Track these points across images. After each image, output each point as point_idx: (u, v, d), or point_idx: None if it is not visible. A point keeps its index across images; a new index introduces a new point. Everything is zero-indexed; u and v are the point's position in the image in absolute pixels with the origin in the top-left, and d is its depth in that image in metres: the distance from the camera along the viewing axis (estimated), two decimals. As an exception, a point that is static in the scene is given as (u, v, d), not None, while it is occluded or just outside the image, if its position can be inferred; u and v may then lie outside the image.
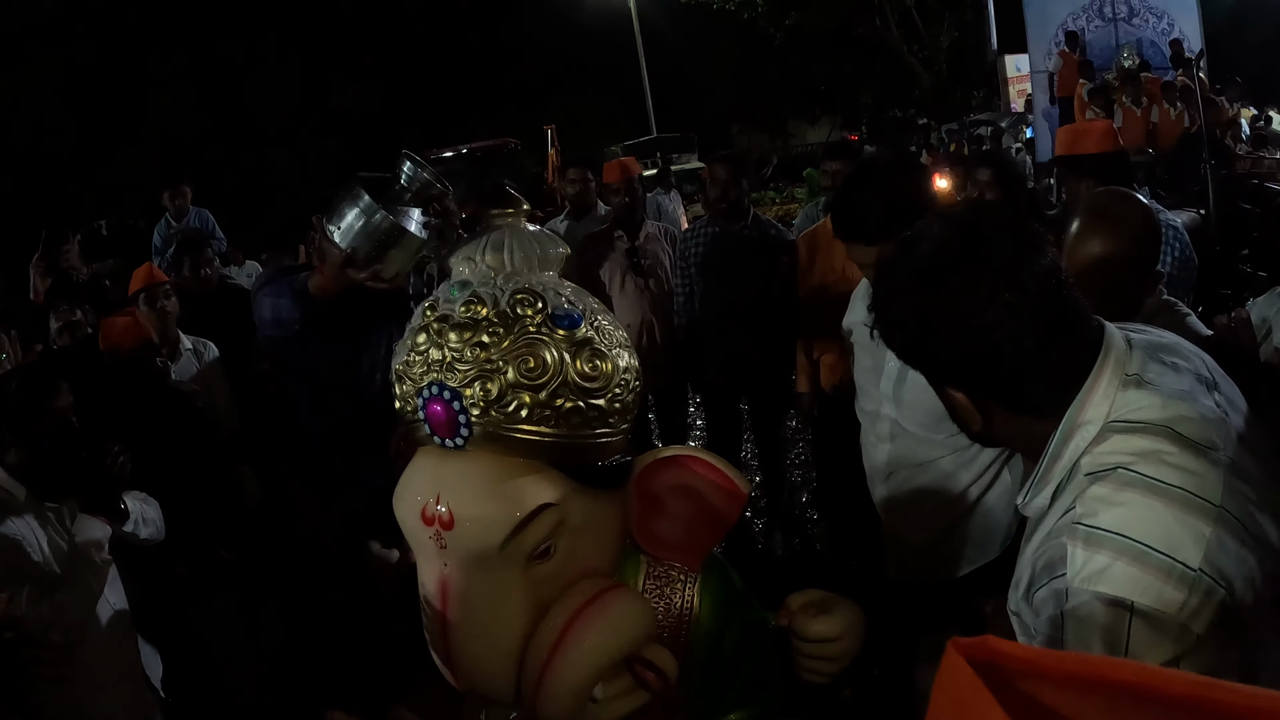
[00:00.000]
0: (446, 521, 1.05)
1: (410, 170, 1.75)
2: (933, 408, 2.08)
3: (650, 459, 1.19)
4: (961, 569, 2.09)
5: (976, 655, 0.43)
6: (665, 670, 1.11)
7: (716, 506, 1.20)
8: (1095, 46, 12.25)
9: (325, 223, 1.82)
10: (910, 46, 20.02)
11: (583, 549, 1.12)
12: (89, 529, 2.33)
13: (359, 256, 1.78)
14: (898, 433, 2.11)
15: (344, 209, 1.78)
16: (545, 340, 1.04)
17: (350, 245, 1.78)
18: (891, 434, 2.12)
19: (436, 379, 1.05)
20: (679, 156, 18.75)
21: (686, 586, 1.27)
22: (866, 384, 2.18)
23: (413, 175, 1.75)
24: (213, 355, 3.82)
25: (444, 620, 1.08)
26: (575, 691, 1.05)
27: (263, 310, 2.06)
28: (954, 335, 1.08)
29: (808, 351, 3.71)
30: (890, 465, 2.16)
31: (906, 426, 2.08)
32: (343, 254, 1.78)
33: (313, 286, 1.94)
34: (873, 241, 1.92)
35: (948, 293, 1.07)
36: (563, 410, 1.04)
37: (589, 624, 1.06)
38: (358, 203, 1.75)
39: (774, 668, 1.30)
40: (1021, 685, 0.42)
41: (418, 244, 1.79)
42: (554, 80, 24.84)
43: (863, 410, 2.22)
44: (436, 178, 1.76)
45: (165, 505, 2.57)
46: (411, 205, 1.79)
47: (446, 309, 1.08)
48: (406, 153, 1.77)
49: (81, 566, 2.28)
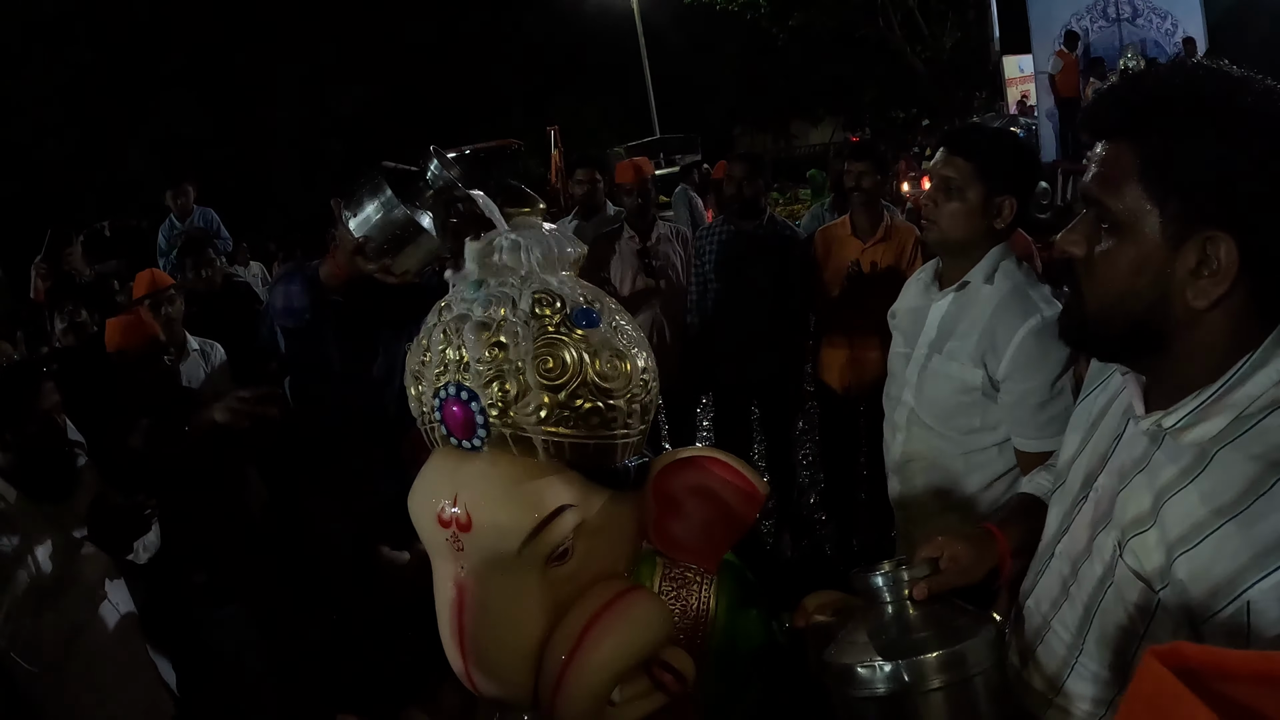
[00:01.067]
0: (464, 524, 1.04)
1: (436, 168, 1.73)
2: (948, 402, 2.07)
3: (668, 460, 1.18)
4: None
5: (1174, 661, 0.44)
6: (683, 672, 1.10)
7: (734, 508, 1.19)
8: (1099, 47, 12.27)
9: (342, 209, 1.80)
10: (913, 47, 19.98)
11: (601, 551, 1.11)
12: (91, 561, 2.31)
13: (370, 247, 1.77)
14: (913, 422, 2.11)
15: (364, 199, 1.76)
16: (564, 340, 1.03)
17: (364, 235, 1.76)
18: (908, 422, 2.12)
19: (454, 379, 1.04)
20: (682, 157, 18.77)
21: (703, 588, 1.26)
22: (896, 368, 2.19)
23: (437, 174, 1.73)
24: (220, 356, 3.82)
25: (460, 623, 1.07)
26: (594, 695, 1.04)
27: (275, 298, 2.06)
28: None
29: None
30: (904, 456, 2.15)
31: (922, 417, 2.08)
32: (354, 241, 1.76)
33: (324, 274, 1.93)
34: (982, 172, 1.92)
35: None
36: (582, 411, 1.03)
37: (607, 627, 1.05)
38: (378, 195, 1.73)
39: (789, 669, 1.29)
40: (1216, 687, 0.43)
41: (434, 244, 1.77)
42: (556, 81, 24.84)
43: (888, 395, 2.22)
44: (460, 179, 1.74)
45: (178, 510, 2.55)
46: (432, 204, 1.77)
47: (463, 309, 1.07)
48: (435, 149, 1.75)
49: (78, 567, 2.27)
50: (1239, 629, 0.89)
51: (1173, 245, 0.95)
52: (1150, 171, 0.95)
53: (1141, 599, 1.00)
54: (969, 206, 1.94)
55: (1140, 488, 1.02)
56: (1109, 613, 1.05)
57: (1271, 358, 0.95)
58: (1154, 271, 0.96)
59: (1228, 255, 0.92)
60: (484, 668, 1.07)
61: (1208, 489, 0.94)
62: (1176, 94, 0.96)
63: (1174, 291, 0.96)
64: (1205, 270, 0.94)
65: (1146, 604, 1.00)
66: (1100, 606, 1.07)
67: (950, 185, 1.95)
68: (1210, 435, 0.96)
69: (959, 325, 1.99)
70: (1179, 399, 0.99)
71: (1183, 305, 0.96)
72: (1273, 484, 0.90)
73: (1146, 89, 0.99)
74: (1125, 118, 0.99)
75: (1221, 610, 0.90)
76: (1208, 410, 0.97)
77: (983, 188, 1.93)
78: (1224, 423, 0.96)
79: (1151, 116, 0.96)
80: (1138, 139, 0.97)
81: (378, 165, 1.78)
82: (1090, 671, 1.09)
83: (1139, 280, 0.98)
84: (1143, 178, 0.96)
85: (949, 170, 1.95)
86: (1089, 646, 1.09)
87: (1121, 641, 1.04)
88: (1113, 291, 1.00)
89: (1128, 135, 0.98)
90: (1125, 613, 1.02)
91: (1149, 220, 0.96)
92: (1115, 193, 0.98)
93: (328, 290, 1.95)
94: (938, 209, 1.97)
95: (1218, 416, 0.96)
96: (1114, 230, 0.99)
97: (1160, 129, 0.95)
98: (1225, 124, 0.92)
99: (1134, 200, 0.96)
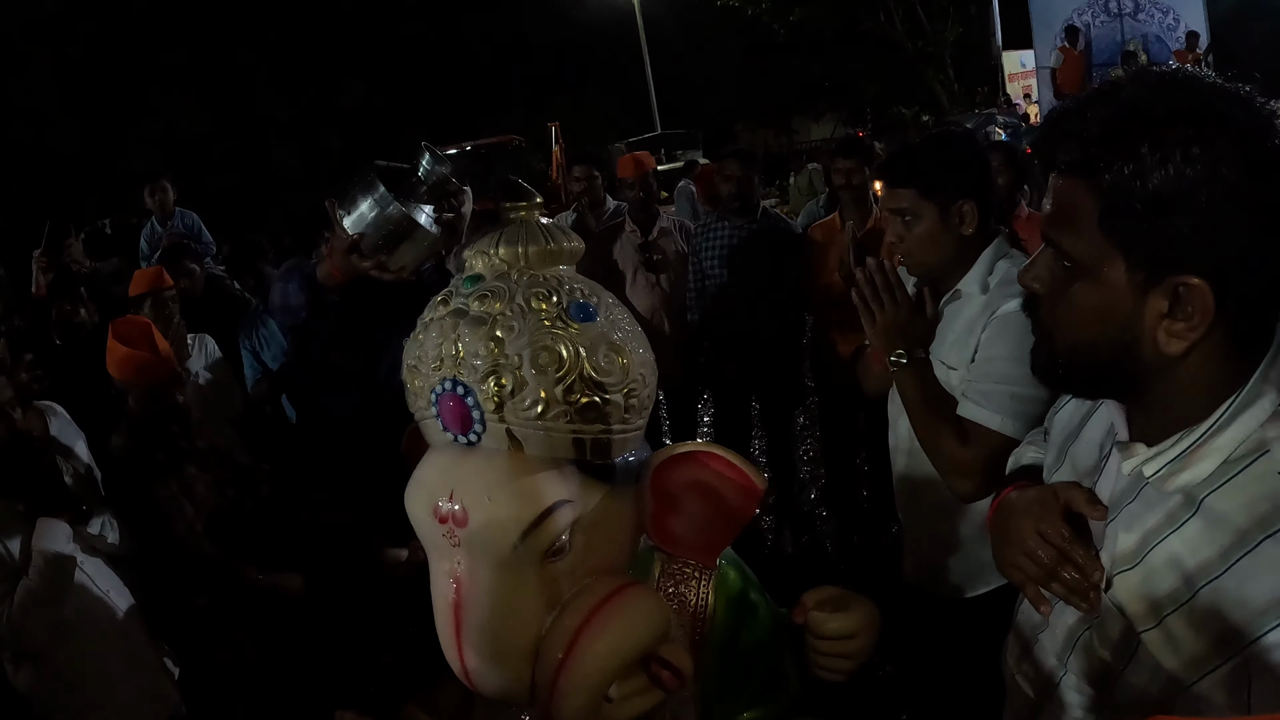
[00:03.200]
0: (460, 519, 1.03)
1: (429, 164, 1.73)
2: None
3: (666, 455, 1.17)
4: (966, 591, 2.05)
5: None
6: (681, 669, 1.09)
7: (732, 503, 1.18)
8: (1101, 42, 12.26)
9: (336, 208, 1.80)
10: (915, 42, 19.96)
11: (598, 546, 1.10)
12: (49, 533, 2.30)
13: (366, 244, 1.77)
14: (912, 437, 2.08)
15: (357, 197, 1.76)
16: (561, 334, 1.02)
17: (358, 234, 1.76)
18: (910, 436, 2.10)
19: (450, 374, 1.04)
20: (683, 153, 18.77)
21: (701, 584, 1.25)
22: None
23: (430, 169, 1.73)
24: (213, 349, 3.83)
25: (457, 619, 1.06)
26: (591, 691, 1.04)
27: (274, 295, 2.09)
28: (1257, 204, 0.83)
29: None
30: (905, 470, 2.13)
31: None
32: (349, 240, 1.76)
33: (321, 274, 1.94)
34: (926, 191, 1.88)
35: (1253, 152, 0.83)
36: (578, 405, 1.02)
37: (605, 623, 1.04)
38: (372, 192, 1.74)
39: (789, 666, 1.28)
40: None
41: (429, 239, 1.77)
42: (557, 77, 24.82)
43: (891, 409, 2.20)
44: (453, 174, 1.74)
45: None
46: (426, 199, 1.77)
47: (459, 303, 1.06)
48: (427, 145, 1.76)
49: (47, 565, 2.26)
50: (1239, 682, 0.86)
51: (1141, 291, 0.89)
52: (1110, 218, 0.88)
53: (1123, 638, 0.98)
54: (930, 228, 1.90)
55: (1130, 522, 0.99)
56: (1091, 643, 1.04)
57: (1257, 398, 0.90)
58: (1122, 319, 0.90)
59: (1202, 300, 0.85)
60: (481, 664, 1.07)
61: (1195, 541, 0.91)
62: (1136, 125, 0.86)
63: (1144, 338, 0.90)
64: (1179, 315, 0.87)
65: (1127, 644, 0.98)
66: (1081, 636, 1.06)
67: (904, 215, 1.91)
68: (1196, 482, 0.92)
69: (953, 332, 1.95)
70: (1163, 436, 0.95)
71: (1154, 351, 0.90)
72: (1260, 540, 0.86)
73: (1102, 119, 0.88)
74: (1079, 156, 0.90)
75: (1217, 669, 0.88)
76: (1192, 456, 0.92)
77: (934, 206, 1.89)
78: (1210, 468, 0.91)
79: (1108, 154, 0.87)
80: (1094, 178, 0.88)
81: (370, 164, 1.79)
82: (1074, 685, 1.08)
83: (1106, 327, 0.92)
84: (1102, 224, 0.88)
85: (894, 202, 1.92)
86: (1071, 664, 1.08)
87: (1101, 672, 1.03)
88: (1078, 337, 0.95)
89: (1084, 175, 0.89)
90: (1107, 649, 1.01)
91: (1113, 266, 0.89)
92: (1074, 235, 0.91)
93: (325, 290, 1.95)
94: (904, 243, 1.94)
95: (1203, 462, 0.92)
96: (1075, 273, 0.92)
97: (1118, 170, 0.86)
98: (1193, 157, 0.83)
99: (1094, 244, 0.89)
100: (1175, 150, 0.83)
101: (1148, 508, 0.96)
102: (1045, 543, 1.05)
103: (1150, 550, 0.94)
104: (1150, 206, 0.84)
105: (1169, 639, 0.92)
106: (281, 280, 2.09)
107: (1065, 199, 0.91)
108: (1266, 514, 0.86)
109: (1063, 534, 1.05)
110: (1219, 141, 0.83)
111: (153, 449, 2.52)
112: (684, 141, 20.55)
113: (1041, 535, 1.06)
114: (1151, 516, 0.95)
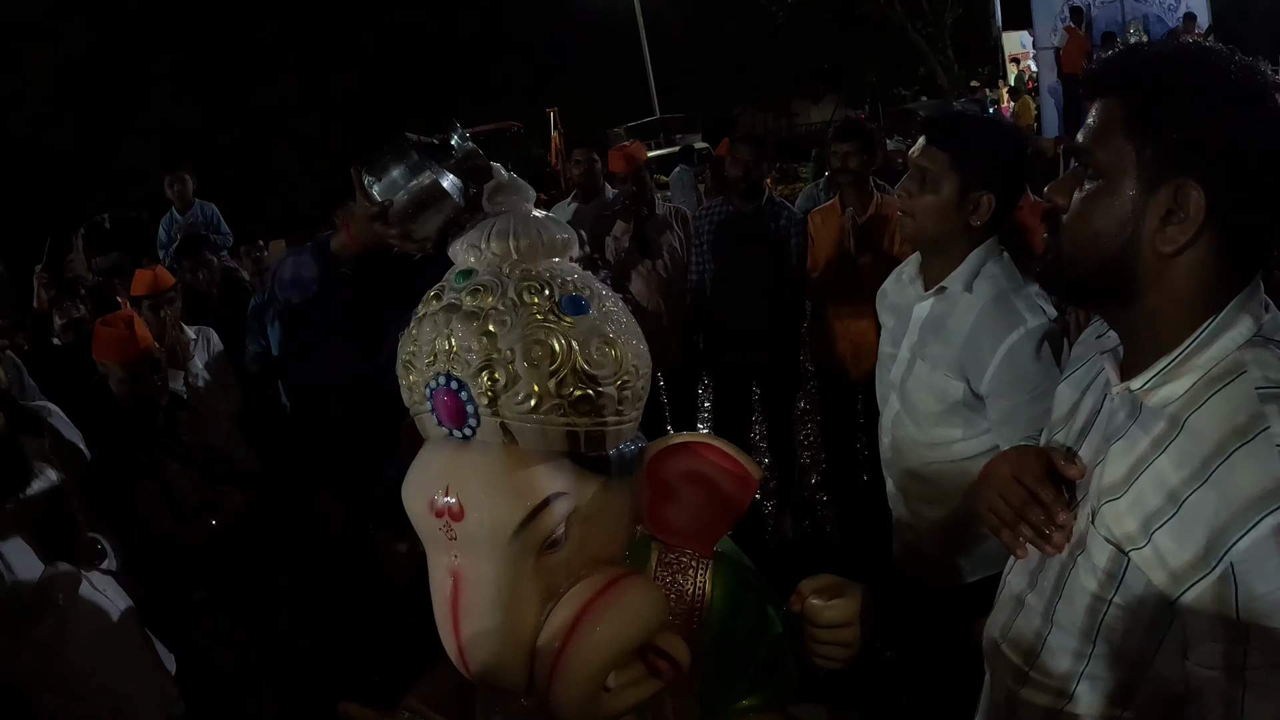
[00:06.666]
0: (456, 512, 1.04)
1: (461, 135, 1.72)
2: (931, 409, 2.00)
3: (661, 445, 1.18)
4: (954, 580, 2.05)
5: None
6: (678, 658, 1.10)
7: (728, 492, 1.19)
8: (1102, 22, 12.21)
9: (364, 174, 1.77)
10: (914, 24, 19.86)
11: (594, 537, 1.11)
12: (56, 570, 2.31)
13: (393, 211, 1.75)
14: (899, 424, 2.07)
15: (389, 164, 1.74)
16: (553, 328, 1.03)
17: (388, 200, 1.75)
18: (894, 424, 2.09)
19: (444, 369, 1.04)
20: (682, 137, 18.71)
21: (698, 573, 1.26)
22: (883, 369, 2.15)
23: (463, 143, 1.72)
24: (216, 343, 3.82)
25: (455, 612, 1.07)
26: (589, 681, 1.05)
27: (283, 270, 2.03)
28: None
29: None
30: (892, 458, 2.12)
31: (907, 421, 2.05)
32: (375, 206, 1.74)
33: (335, 244, 1.91)
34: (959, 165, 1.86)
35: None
36: (572, 398, 1.03)
37: (602, 613, 1.05)
38: (405, 159, 1.72)
39: (786, 653, 1.29)
40: None
41: (453, 207, 1.75)
42: (555, 62, 24.72)
43: (878, 391, 2.19)
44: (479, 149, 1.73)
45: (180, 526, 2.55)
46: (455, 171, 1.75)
47: (452, 298, 1.07)
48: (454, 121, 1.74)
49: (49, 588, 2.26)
50: (1226, 594, 0.92)
51: (1146, 190, 1.01)
52: (1133, 121, 1.02)
53: (1111, 564, 1.04)
54: (943, 200, 1.87)
55: (1116, 458, 1.06)
56: (1078, 579, 1.08)
57: (1235, 321, 1.01)
58: (1127, 214, 1.03)
59: (1196, 204, 0.98)
60: (479, 656, 1.08)
61: (1178, 456, 0.99)
62: (1165, 59, 1.04)
63: (1144, 236, 1.02)
64: (1175, 219, 1.00)
65: (1115, 568, 1.03)
66: (1070, 575, 1.10)
67: (926, 176, 1.88)
68: (1177, 396, 1.02)
69: (939, 333, 1.94)
70: (1150, 365, 1.05)
71: (1151, 250, 1.02)
72: (1234, 449, 0.94)
73: (1139, 54, 1.07)
74: (1117, 76, 1.07)
75: (1204, 577, 0.94)
76: (1174, 372, 1.03)
77: (958, 181, 1.86)
78: (1189, 384, 1.01)
79: (1140, 76, 1.04)
80: (1126, 94, 1.04)
81: (401, 135, 1.76)
82: (1059, 643, 1.12)
83: (1112, 222, 1.04)
84: (1125, 126, 1.03)
85: (925, 160, 1.89)
86: (1058, 617, 1.12)
87: (1089, 605, 1.07)
88: (1086, 232, 1.06)
89: (1118, 91, 1.05)
90: (1094, 578, 1.05)
91: (1128, 166, 1.02)
92: (1103, 143, 1.05)
93: (339, 261, 1.92)
94: (912, 201, 1.91)
95: (1183, 378, 1.02)
96: (1096, 177, 1.06)
97: (1146, 86, 1.03)
98: (1204, 86, 1.00)
99: (1117, 148, 1.03)
100: (1194, 78, 1.00)
101: (1136, 440, 1.05)
102: (1017, 484, 1.15)
103: (1139, 476, 1.02)
104: (1165, 113, 1.00)
105: (1158, 554, 0.98)
106: (292, 254, 2.04)
107: (1100, 115, 1.07)
108: (1242, 424, 0.95)
109: (1034, 475, 1.15)
110: (1230, 83, 0.99)
111: (133, 446, 2.54)
112: (683, 125, 20.51)
113: (1015, 478, 1.16)
114: (1140, 445, 1.04)
